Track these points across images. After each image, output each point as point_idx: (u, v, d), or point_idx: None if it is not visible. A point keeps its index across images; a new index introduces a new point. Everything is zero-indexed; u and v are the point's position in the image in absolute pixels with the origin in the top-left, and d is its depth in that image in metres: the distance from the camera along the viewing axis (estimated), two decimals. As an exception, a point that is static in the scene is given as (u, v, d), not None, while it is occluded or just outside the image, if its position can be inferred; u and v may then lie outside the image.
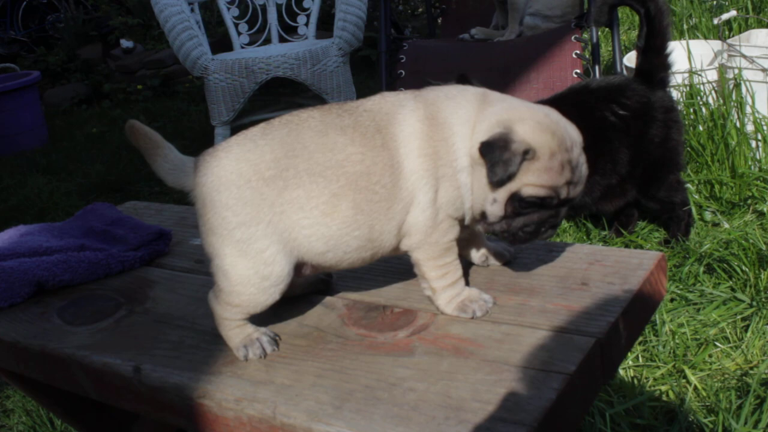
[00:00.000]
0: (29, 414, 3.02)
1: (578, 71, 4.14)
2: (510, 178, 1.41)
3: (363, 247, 1.46)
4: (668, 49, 3.27)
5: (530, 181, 1.42)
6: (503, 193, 1.44)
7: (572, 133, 1.47)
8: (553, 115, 1.47)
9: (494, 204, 1.45)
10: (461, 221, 1.51)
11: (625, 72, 4.41)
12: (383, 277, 1.67)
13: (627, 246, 3.39)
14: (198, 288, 1.77)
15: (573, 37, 4.30)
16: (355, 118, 1.46)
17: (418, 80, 4.39)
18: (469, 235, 1.62)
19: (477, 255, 1.68)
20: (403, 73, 4.49)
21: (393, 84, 4.51)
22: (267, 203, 1.41)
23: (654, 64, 3.27)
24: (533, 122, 1.42)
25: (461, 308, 1.49)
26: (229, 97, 5.27)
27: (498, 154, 1.39)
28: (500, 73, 4.27)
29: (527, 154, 1.40)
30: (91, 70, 9.81)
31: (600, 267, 1.59)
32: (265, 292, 1.45)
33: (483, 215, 1.49)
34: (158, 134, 1.52)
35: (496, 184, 1.42)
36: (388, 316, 1.54)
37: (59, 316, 1.76)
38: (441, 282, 1.52)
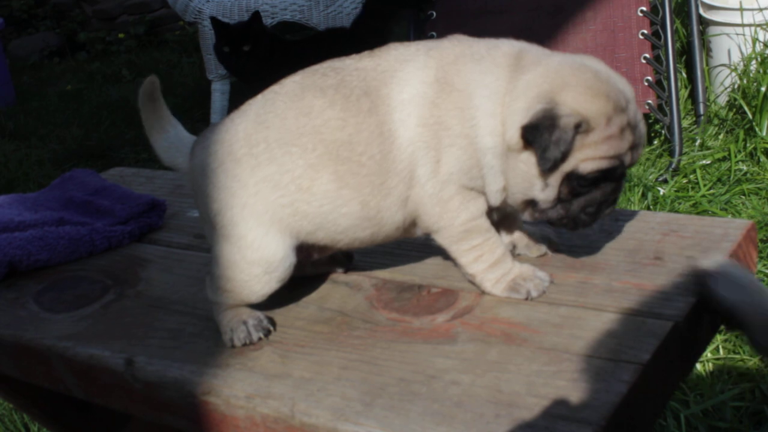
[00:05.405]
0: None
1: (644, 9, 4.09)
2: (564, 158, 1.39)
3: (357, 226, 1.48)
4: None
5: (588, 156, 1.40)
6: (556, 176, 1.42)
7: (625, 89, 1.44)
8: (602, 69, 1.44)
9: (546, 189, 1.44)
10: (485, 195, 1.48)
11: (701, 10, 4.35)
12: (417, 251, 1.67)
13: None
14: (198, 267, 1.78)
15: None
16: (341, 78, 1.47)
17: (452, 23, 4.37)
18: (500, 216, 1.59)
19: (505, 242, 1.62)
20: (434, 14, 4.46)
21: (422, 28, 4.48)
22: (240, 185, 1.47)
23: None
24: (581, 87, 1.39)
25: (512, 288, 1.49)
26: (227, 45, 5.25)
27: (547, 137, 1.37)
28: (550, 13, 4.22)
29: (580, 127, 1.38)
30: (63, 16, 9.82)
31: (677, 238, 1.59)
32: (259, 280, 1.49)
33: (530, 203, 1.47)
34: (166, 106, 1.64)
35: (549, 170, 1.40)
36: (424, 297, 1.54)
37: (36, 301, 1.78)
38: (476, 266, 1.51)
